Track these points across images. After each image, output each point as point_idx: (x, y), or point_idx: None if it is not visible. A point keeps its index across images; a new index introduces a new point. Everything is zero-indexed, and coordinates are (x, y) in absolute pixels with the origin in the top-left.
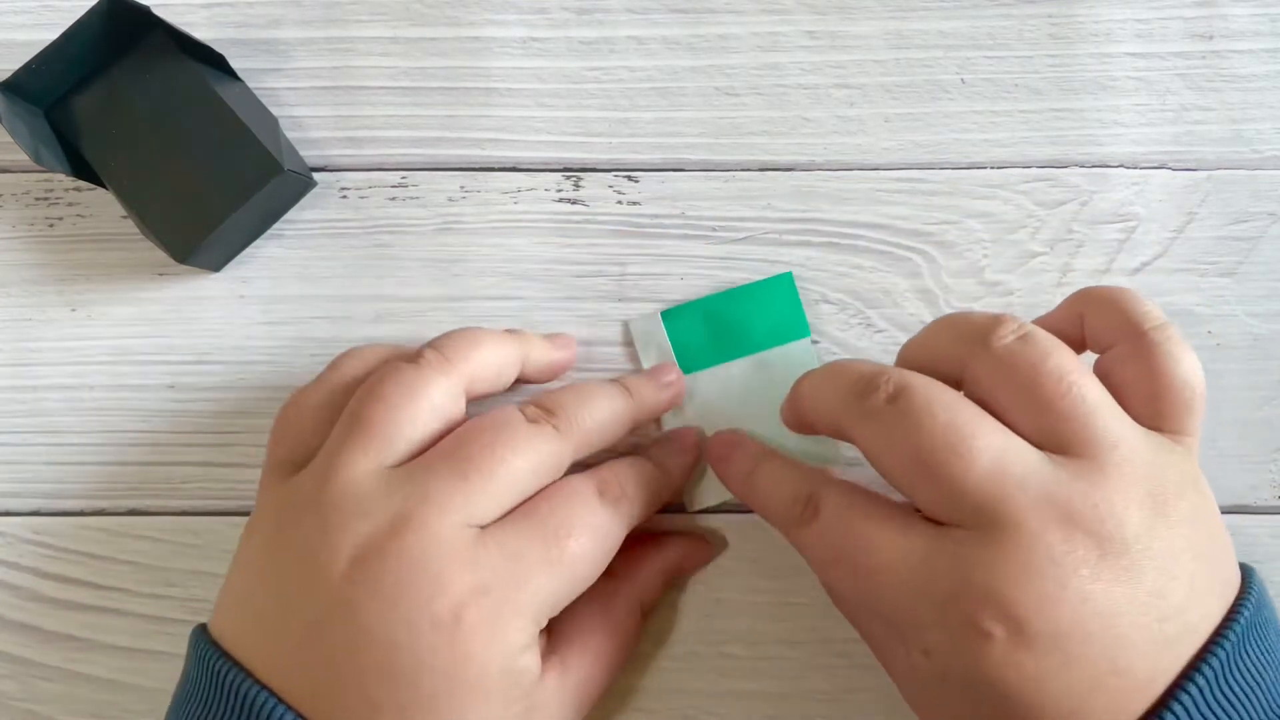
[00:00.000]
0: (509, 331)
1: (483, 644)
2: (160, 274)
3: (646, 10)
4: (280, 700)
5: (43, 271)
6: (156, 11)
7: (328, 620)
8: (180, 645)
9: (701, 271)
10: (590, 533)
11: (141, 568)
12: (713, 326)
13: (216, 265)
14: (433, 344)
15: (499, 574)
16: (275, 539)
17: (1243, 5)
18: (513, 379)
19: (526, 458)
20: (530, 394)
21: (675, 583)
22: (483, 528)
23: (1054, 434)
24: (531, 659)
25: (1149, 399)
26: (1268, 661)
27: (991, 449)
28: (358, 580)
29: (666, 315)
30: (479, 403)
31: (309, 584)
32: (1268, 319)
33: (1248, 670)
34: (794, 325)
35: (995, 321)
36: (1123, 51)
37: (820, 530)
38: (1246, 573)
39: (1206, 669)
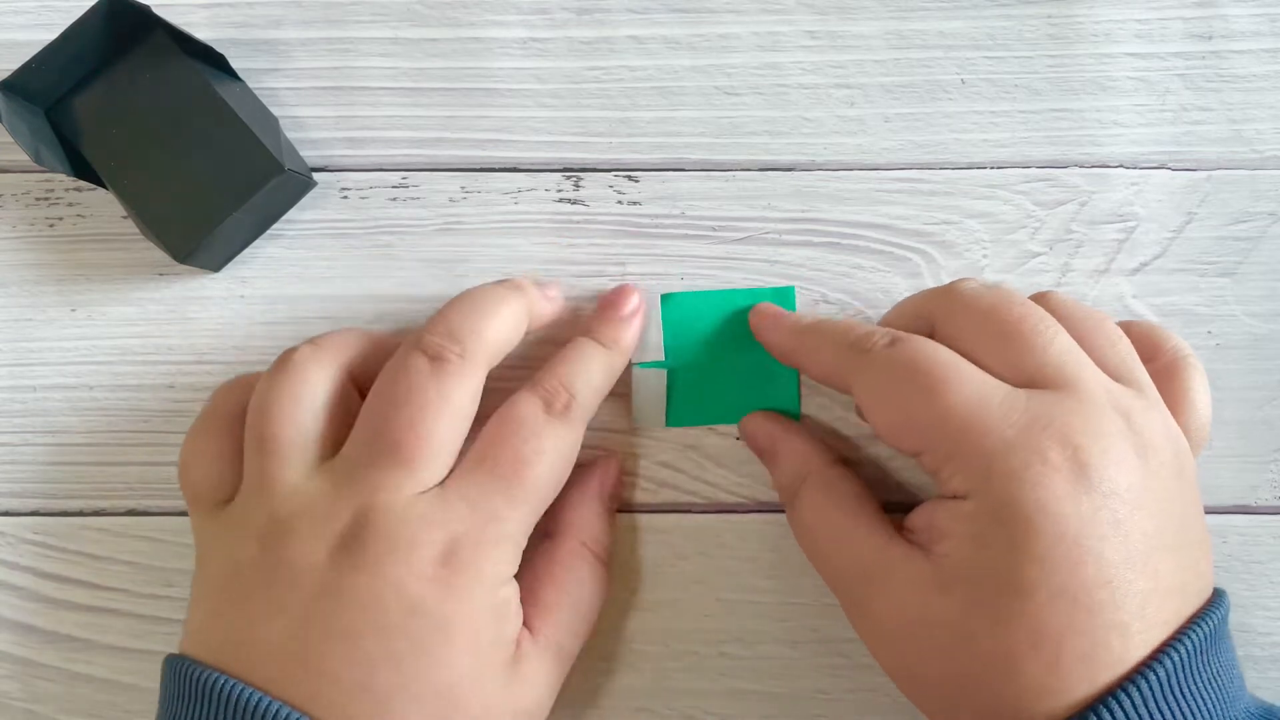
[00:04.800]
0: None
1: (464, 581)
2: (160, 274)
3: (646, 10)
4: (273, 697)
5: (43, 271)
6: (157, 11)
7: (314, 605)
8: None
9: (701, 271)
10: (545, 455)
11: (140, 568)
12: (708, 320)
13: (216, 265)
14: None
15: (467, 522)
16: (240, 559)
17: (1242, 5)
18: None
19: (453, 413)
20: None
21: (614, 511)
22: (441, 484)
23: (1111, 368)
24: (512, 591)
25: (1171, 409)
26: (1230, 642)
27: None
28: (338, 564)
29: (666, 297)
30: None
31: (288, 586)
32: (1268, 319)
33: (1227, 641)
34: None
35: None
36: (1122, 52)
37: (900, 351)
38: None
39: (1209, 618)
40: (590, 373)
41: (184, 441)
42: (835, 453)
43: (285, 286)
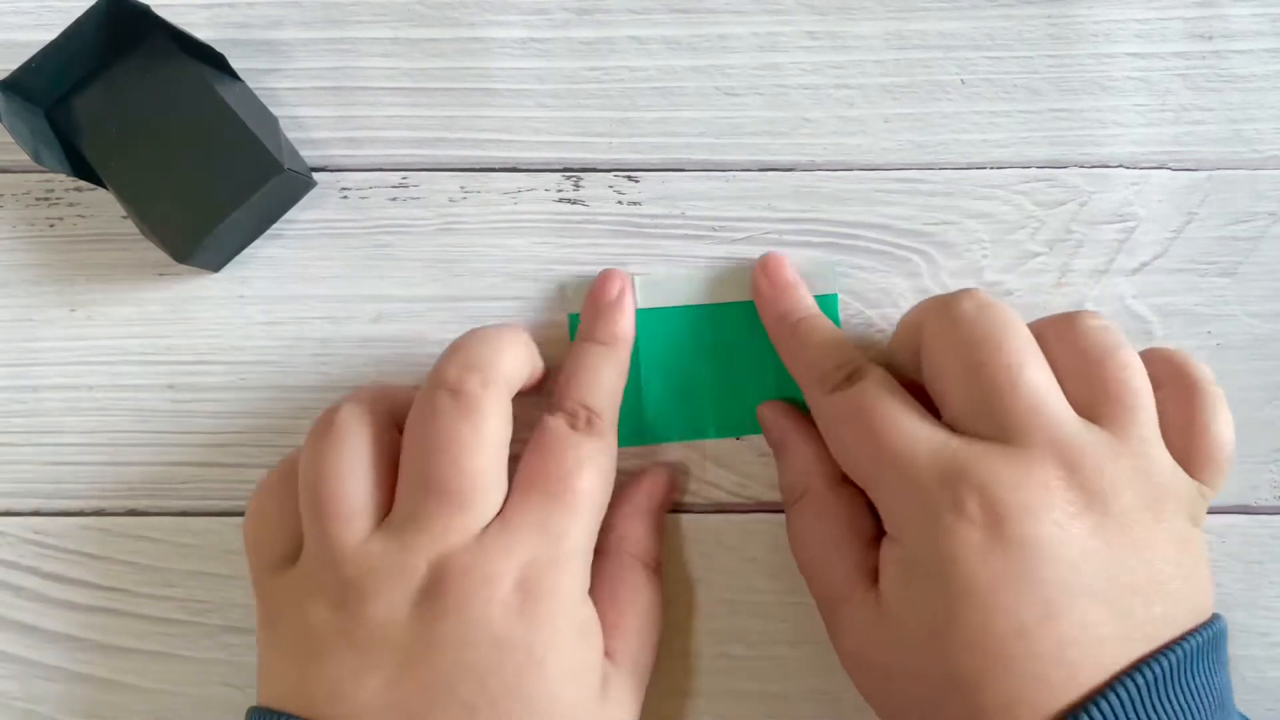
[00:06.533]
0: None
1: (545, 607)
2: (160, 274)
3: (646, 10)
4: None
5: (43, 271)
6: (157, 11)
7: (406, 659)
8: (179, 645)
9: None
10: (586, 463)
11: (141, 568)
12: (679, 329)
13: (216, 265)
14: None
15: (534, 546)
16: (313, 622)
17: (1243, 5)
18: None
19: (486, 445)
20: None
21: (661, 520)
22: (500, 515)
23: (1098, 406)
24: (590, 612)
25: (1183, 439)
26: (1209, 689)
27: (1039, 382)
28: (422, 616)
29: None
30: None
31: (373, 644)
32: (1268, 319)
33: (1189, 688)
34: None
35: (1091, 313)
36: (1122, 52)
37: (852, 397)
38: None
39: (1158, 663)
40: (600, 379)
41: (249, 502)
42: (839, 468)
43: (285, 286)
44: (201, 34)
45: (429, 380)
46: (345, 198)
